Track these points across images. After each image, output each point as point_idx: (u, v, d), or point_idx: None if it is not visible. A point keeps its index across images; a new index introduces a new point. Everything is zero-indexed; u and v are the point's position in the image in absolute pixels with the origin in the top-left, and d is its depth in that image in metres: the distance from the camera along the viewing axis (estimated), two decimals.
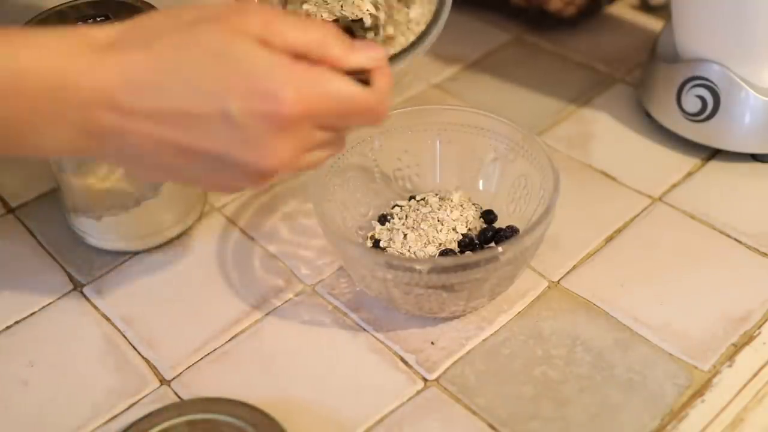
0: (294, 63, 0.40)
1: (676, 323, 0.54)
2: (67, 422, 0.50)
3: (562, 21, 0.79)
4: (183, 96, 0.39)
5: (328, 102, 0.41)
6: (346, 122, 0.44)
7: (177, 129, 0.40)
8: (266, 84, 0.39)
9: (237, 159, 0.41)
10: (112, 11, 0.56)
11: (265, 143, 0.40)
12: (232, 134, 0.40)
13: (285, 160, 0.41)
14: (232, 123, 0.39)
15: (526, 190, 0.57)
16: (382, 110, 0.44)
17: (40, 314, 0.57)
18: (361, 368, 0.52)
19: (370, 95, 0.43)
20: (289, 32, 0.41)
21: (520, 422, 0.49)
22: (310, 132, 0.42)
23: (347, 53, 0.42)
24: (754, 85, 0.62)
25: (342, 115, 0.42)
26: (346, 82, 0.42)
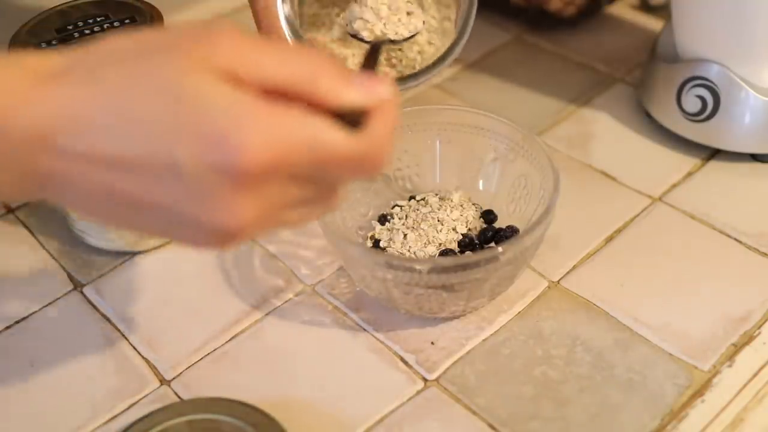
0: (260, 103, 0.33)
1: (676, 323, 0.54)
2: (67, 422, 0.50)
3: (562, 21, 0.79)
4: (128, 140, 0.33)
5: (301, 152, 0.34)
6: (329, 175, 0.36)
7: (123, 177, 0.33)
8: (222, 130, 0.32)
9: (190, 216, 0.34)
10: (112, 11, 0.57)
11: (222, 200, 0.33)
12: (181, 188, 0.33)
13: (249, 221, 0.34)
14: (180, 175, 0.33)
15: (526, 190, 0.57)
16: (376, 161, 0.36)
17: (40, 314, 0.57)
18: (361, 368, 0.52)
19: (359, 143, 0.35)
20: (266, 66, 0.34)
21: (520, 422, 0.49)
22: (282, 188, 0.35)
23: (340, 89, 0.35)
24: (754, 85, 0.62)
25: (322, 168, 0.35)
26: (325, 126, 0.34)
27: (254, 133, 0.32)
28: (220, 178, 0.33)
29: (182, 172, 0.33)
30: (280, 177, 0.34)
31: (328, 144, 0.34)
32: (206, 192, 0.33)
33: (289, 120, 0.34)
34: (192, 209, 0.34)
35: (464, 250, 0.55)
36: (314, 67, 0.35)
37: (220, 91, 0.33)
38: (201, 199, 0.33)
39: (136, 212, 0.35)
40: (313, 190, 0.36)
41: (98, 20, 0.56)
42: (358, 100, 0.35)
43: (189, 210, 0.34)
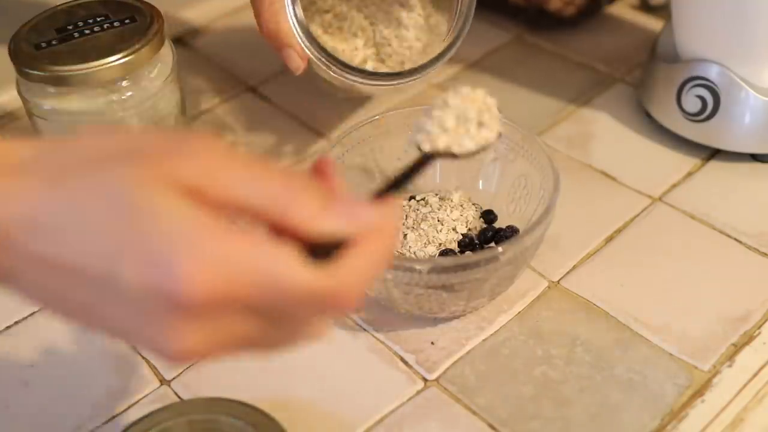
0: (215, 227, 0.31)
1: (676, 323, 0.54)
2: (67, 422, 0.50)
3: (562, 21, 0.79)
4: (78, 250, 0.31)
5: (251, 287, 0.31)
6: (288, 313, 0.33)
7: (70, 284, 0.32)
8: (166, 252, 0.30)
9: (136, 336, 0.33)
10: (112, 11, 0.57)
11: (163, 326, 0.31)
12: (122, 306, 0.32)
13: (192, 349, 0.32)
14: (120, 293, 0.31)
15: (526, 190, 0.57)
16: (341, 302, 0.33)
17: (40, 314, 0.56)
18: (361, 368, 0.52)
19: (322, 281, 0.32)
20: (236, 182, 0.32)
21: (520, 422, 0.49)
22: (234, 321, 0.32)
23: (315, 216, 0.32)
24: (754, 85, 0.62)
25: (277, 305, 0.32)
26: (284, 259, 0.31)
27: (201, 261, 0.30)
28: (159, 303, 0.31)
29: (122, 291, 0.31)
30: (229, 310, 0.32)
31: (283, 280, 0.31)
32: (145, 315, 0.31)
33: (244, 250, 0.31)
34: (134, 328, 0.32)
35: (464, 250, 0.55)
36: (291, 190, 0.32)
37: (174, 209, 0.31)
38: (141, 321, 0.32)
39: (89, 318, 0.34)
40: (272, 325, 0.33)
41: (98, 20, 0.56)
42: (334, 229, 0.33)
43: (131, 328, 0.33)
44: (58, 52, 0.53)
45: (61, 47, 0.54)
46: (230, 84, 0.76)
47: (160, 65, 0.57)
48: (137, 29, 0.55)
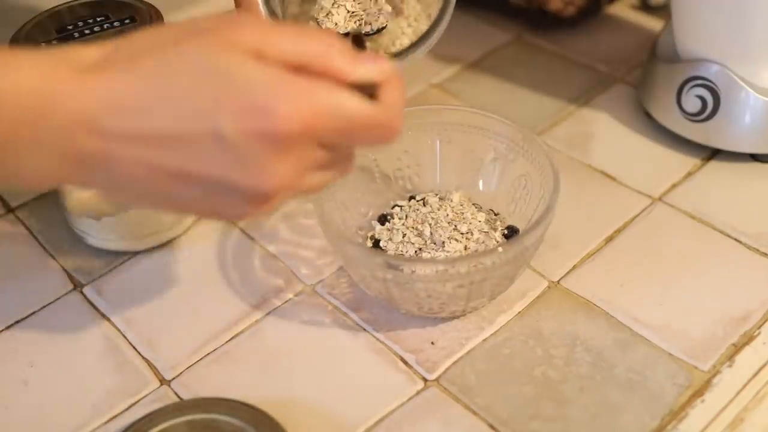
0: (291, 76, 0.37)
1: (676, 323, 0.54)
2: (67, 422, 0.50)
3: (562, 21, 0.79)
4: (171, 117, 0.36)
5: (329, 118, 0.38)
6: (351, 140, 0.40)
7: (166, 152, 0.37)
8: (260, 99, 0.36)
9: (234, 182, 0.37)
10: (112, 11, 0.57)
11: (262, 164, 0.37)
12: (226, 156, 0.37)
13: (285, 181, 0.38)
14: (225, 143, 0.36)
15: (526, 190, 0.57)
16: (393, 127, 0.40)
17: (40, 314, 0.57)
18: (361, 368, 0.52)
19: (377, 110, 0.39)
20: (285, 43, 0.37)
21: (520, 422, 0.49)
22: (312, 151, 0.38)
23: (352, 65, 0.39)
24: (754, 85, 0.62)
25: (346, 133, 0.39)
26: (349, 95, 0.38)
27: (289, 102, 0.36)
28: (261, 143, 0.36)
29: (227, 141, 0.36)
30: (309, 141, 0.38)
31: (351, 111, 0.38)
32: (250, 157, 0.36)
33: (317, 89, 0.37)
34: (236, 175, 0.37)
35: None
36: (327, 46, 0.38)
37: (253, 67, 0.36)
38: (245, 164, 0.37)
39: (179, 187, 0.38)
40: (334, 154, 0.40)
41: (98, 20, 0.56)
42: (369, 74, 0.39)
43: (233, 176, 0.37)
44: None
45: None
46: None
47: None
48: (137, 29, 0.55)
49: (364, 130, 0.39)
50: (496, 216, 0.58)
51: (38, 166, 0.38)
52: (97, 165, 0.37)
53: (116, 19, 0.56)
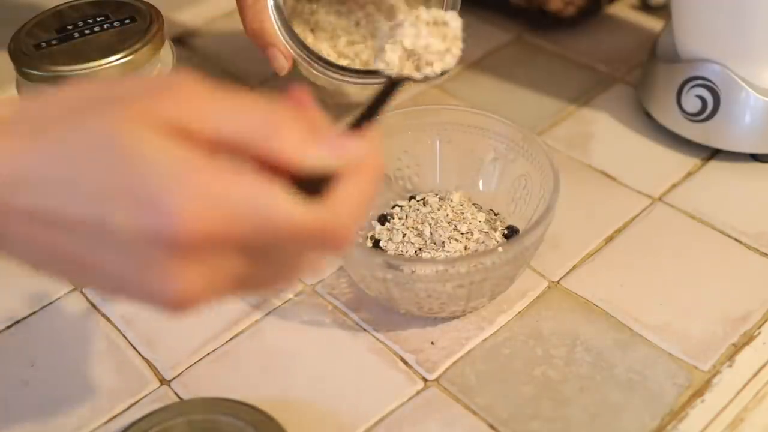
0: (203, 165, 0.30)
1: (676, 323, 0.54)
2: (67, 422, 0.50)
3: (562, 21, 0.79)
4: (64, 200, 0.31)
5: (246, 225, 0.31)
6: (284, 250, 0.33)
7: (63, 236, 0.32)
8: (157, 193, 0.30)
9: (133, 282, 0.32)
10: (112, 11, 0.57)
11: (159, 269, 0.31)
12: (119, 253, 0.31)
13: (192, 291, 0.31)
14: (116, 239, 0.31)
15: (526, 190, 0.57)
16: (336, 236, 0.33)
17: (40, 314, 0.57)
18: (361, 368, 0.52)
19: (315, 216, 0.32)
20: (219, 117, 0.31)
21: (520, 422, 0.49)
22: (230, 259, 0.32)
23: (303, 149, 0.32)
24: (754, 85, 0.62)
25: (272, 242, 0.32)
26: (275, 195, 0.31)
27: (193, 198, 0.30)
28: (154, 245, 0.30)
29: (115, 236, 0.30)
30: (223, 247, 0.31)
31: (276, 216, 0.31)
32: (140, 259, 0.31)
33: (234, 186, 0.30)
34: (133, 275, 0.32)
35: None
36: (275, 122, 0.32)
37: (161, 148, 0.30)
38: (139, 266, 0.31)
39: (82, 272, 0.33)
40: (267, 263, 0.33)
41: (98, 20, 0.56)
42: (323, 162, 0.32)
43: (130, 276, 0.32)
44: (58, 52, 0.53)
45: (61, 47, 0.54)
46: (230, 84, 0.76)
47: (160, 65, 0.57)
48: (137, 29, 0.55)
49: (296, 240, 0.32)
50: (496, 216, 0.58)
51: None
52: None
53: (116, 19, 0.56)
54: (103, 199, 0.30)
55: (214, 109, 0.31)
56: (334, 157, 0.32)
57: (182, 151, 0.30)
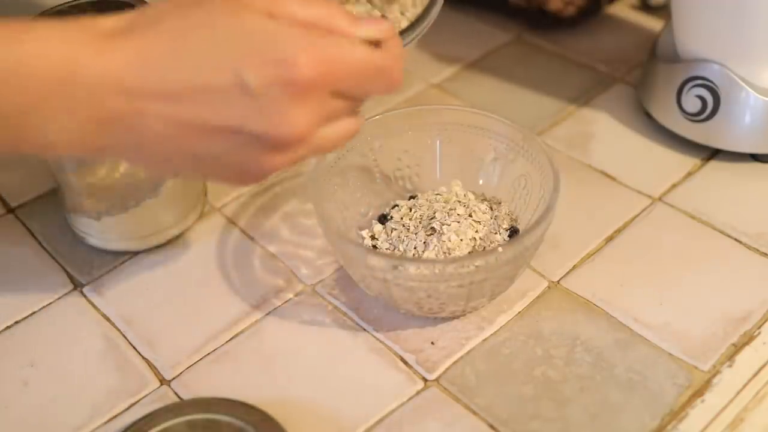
0: (305, 30, 0.40)
1: (676, 323, 0.54)
2: (67, 422, 0.50)
3: (562, 21, 0.79)
4: (195, 72, 0.38)
5: (344, 64, 0.40)
6: (362, 87, 0.43)
7: (192, 107, 0.39)
8: (281, 51, 0.38)
9: (255, 130, 0.39)
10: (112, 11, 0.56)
11: (284, 111, 0.39)
12: (249, 105, 0.39)
13: (303, 128, 0.40)
14: (249, 93, 0.38)
15: (526, 190, 0.57)
16: (397, 73, 0.43)
17: (40, 314, 0.57)
18: (361, 368, 0.52)
19: (383, 56, 0.42)
20: (294, 6, 0.40)
21: (520, 422, 0.49)
22: (327, 99, 0.41)
23: (354, 25, 0.42)
24: (754, 85, 0.62)
25: (358, 79, 0.41)
26: (359, 44, 0.41)
27: (307, 52, 0.39)
28: (282, 91, 0.38)
29: (251, 91, 0.38)
30: (327, 89, 0.40)
31: (360, 56, 0.41)
32: (272, 104, 0.39)
33: (332, 40, 0.40)
34: (257, 123, 0.39)
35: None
36: (331, 9, 0.41)
37: (270, 24, 0.39)
38: (267, 112, 0.39)
39: (202, 141, 0.40)
40: (347, 104, 0.42)
41: None
42: (370, 32, 0.42)
43: (255, 124, 0.39)
44: None
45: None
46: None
47: None
48: None
49: (372, 74, 0.42)
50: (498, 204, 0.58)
51: (65, 132, 0.39)
52: (122, 125, 0.39)
53: None
54: (236, 62, 0.38)
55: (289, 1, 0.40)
56: (376, 29, 0.42)
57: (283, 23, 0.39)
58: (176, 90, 0.39)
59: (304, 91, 0.39)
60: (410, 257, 0.54)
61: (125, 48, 0.38)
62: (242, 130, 0.39)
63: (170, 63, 0.39)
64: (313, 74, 0.39)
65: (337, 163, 0.57)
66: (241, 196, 0.64)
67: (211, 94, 0.39)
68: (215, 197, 0.64)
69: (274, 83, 0.38)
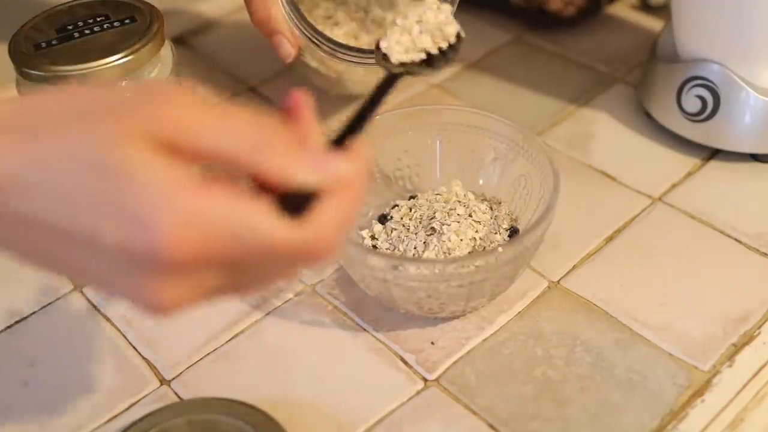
0: (189, 184, 0.31)
1: (676, 323, 0.54)
2: (67, 422, 0.50)
3: (562, 21, 0.79)
4: (55, 209, 0.31)
5: (228, 242, 0.31)
6: (262, 266, 0.34)
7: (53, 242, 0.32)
8: (143, 212, 0.30)
9: (118, 289, 0.33)
10: (112, 11, 0.57)
11: (145, 283, 0.32)
12: (106, 263, 0.32)
13: (177, 302, 0.33)
14: (104, 251, 0.31)
15: (526, 190, 0.57)
16: (316, 254, 0.34)
17: (40, 314, 0.57)
18: (361, 368, 0.52)
19: (297, 234, 0.32)
20: (207, 134, 0.31)
21: (520, 422, 0.49)
22: (211, 274, 0.33)
23: (288, 166, 0.32)
24: (754, 85, 0.62)
25: (254, 259, 0.33)
26: (259, 213, 0.32)
27: (178, 220, 0.30)
28: (141, 262, 0.31)
29: (105, 250, 0.31)
30: (206, 265, 0.32)
31: (259, 234, 0.32)
32: (127, 272, 0.32)
33: (220, 205, 0.31)
34: (118, 284, 0.33)
35: None
36: (261, 139, 0.32)
37: (148, 166, 0.30)
38: (123, 277, 0.32)
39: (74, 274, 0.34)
40: (249, 276, 0.34)
41: (98, 20, 0.56)
42: (306, 181, 0.33)
43: (116, 283, 0.33)
44: (58, 52, 0.53)
45: (61, 47, 0.54)
46: (230, 84, 0.76)
47: (160, 65, 0.57)
48: (137, 29, 0.55)
49: (277, 257, 0.33)
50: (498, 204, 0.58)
51: None
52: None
53: (116, 19, 0.56)
54: (94, 214, 0.31)
55: (202, 124, 0.32)
56: (318, 177, 0.33)
57: (169, 169, 0.31)
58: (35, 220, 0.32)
59: (170, 268, 0.31)
60: (410, 257, 0.54)
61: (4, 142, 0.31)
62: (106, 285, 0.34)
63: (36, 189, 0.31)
64: (181, 253, 0.30)
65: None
66: None
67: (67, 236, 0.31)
68: None
69: (134, 251, 0.31)
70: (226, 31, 0.83)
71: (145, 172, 0.30)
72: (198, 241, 0.31)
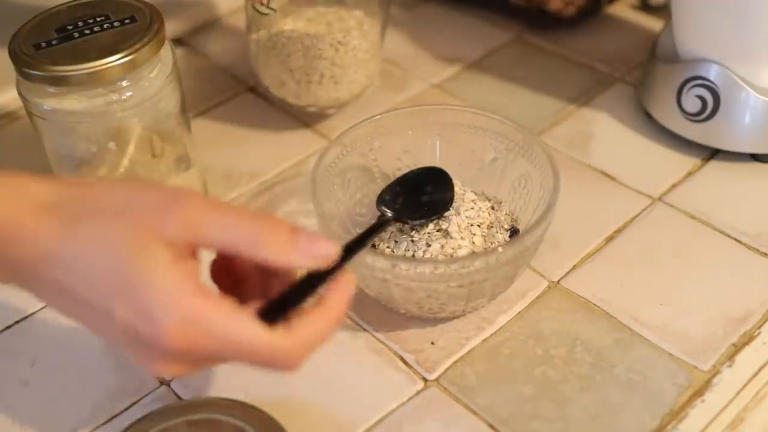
0: (192, 295, 0.38)
1: (676, 323, 0.54)
2: (67, 422, 0.50)
3: (562, 21, 0.79)
4: (83, 284, 0.39)
5: (217, 344, 0.39)
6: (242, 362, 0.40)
7: (76, 306, 0.40)
8: (150, 308, 0.38)
9: (125, 350, 0.41)
10: (112, 11, 0.57)
11: (146, 355, 0.40)
12: (116, 334, 0.40)
13: (170, 373, 0.41)
14: (114, 326, 0.39)
15: (526, 190, 0.57)
16: (289, 363, 0.40)
17: (41, 314, 0.56)
18: (361, 368, 0.52)
19: (274, 347, 0.39)
20: (215, 232, 0.39)
21: (520, 422, 0.49)
22: (200, 359, 0.41)
23: (285, 253, 0.40)
24: (754, 85, 0.62)
25: (236, 358, 0.40)
26: (245, 327, 0.39)
27: (177, 323, 0.38)
28: (143, 342, 0.39)
29: (115, 323, 0.39)
30: (198, 353, 0.39)
31: (242, 343, 0.39)
32: (132, 343, 0.39)
33: (212, 312, 0.38)
34: (127, 348, 0.40)
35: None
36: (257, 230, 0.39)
37: (161, 274, 0.38)
38: (128, 344, 0.40)
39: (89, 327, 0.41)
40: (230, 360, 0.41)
41: (98, 20, 0.56)
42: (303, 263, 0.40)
43: (125, 347, 0.40)
44: (58, 52, 0.53)
45: (61, 47, 0.54)
46: (230, 84, 0.76)
47: (160, 65, 0.57)
48: (137, 29, 0.55)
49: (254, 360, 0.40)
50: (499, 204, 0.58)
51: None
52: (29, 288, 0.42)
53: (116, 19, 0.56)
54: (110, 295, 0.38)
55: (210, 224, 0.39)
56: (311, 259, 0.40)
57: (177, 273, 0.38)
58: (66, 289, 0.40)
59: (165, 354, 0.39)
60: (410, 257, 0.54)
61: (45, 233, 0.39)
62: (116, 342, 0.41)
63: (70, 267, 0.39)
64: (175, 346, 0.38)
65: (337, 163, 0.57)
66: (240, 197, 0.64)
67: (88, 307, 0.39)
68: (216, 194, 0.64)
69: (138, 334, 0.38)
70: (225, 31, 0.83)
71: (156, 274, 0.38)
72: (190, 338, 0.38)
